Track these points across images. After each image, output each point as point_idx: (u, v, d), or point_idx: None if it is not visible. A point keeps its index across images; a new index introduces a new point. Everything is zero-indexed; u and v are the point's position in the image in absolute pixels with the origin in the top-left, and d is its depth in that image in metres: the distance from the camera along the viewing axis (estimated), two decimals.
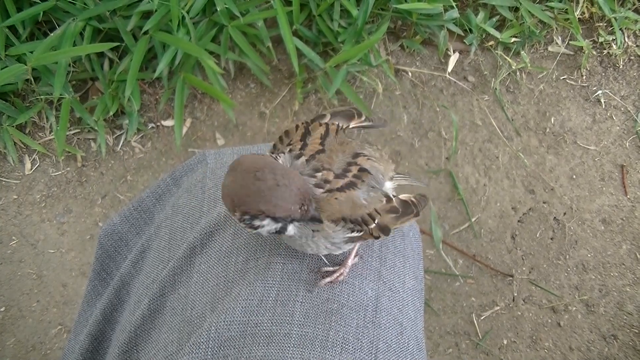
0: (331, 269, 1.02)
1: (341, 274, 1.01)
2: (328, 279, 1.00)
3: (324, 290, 0.99)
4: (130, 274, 1.20)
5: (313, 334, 0.93)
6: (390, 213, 0.94)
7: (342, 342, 0.93)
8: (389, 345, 0.99)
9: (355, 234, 0.90)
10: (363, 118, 1.08)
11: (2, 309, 2.39)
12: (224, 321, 0.94)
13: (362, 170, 0.90)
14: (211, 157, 1.21)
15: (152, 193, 1.26)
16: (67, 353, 1.27)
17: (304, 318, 0.95)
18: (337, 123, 1.01)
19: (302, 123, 0.98)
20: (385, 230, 0.94)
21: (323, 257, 1.02)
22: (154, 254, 1.16)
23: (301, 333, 0.93)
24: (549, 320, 2.39)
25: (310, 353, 0.91)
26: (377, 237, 0.93)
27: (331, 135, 0.95)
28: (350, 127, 1.05)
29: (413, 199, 1.01)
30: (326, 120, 1.01)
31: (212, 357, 0.92)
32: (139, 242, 1.22)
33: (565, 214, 2.51)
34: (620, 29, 2.66)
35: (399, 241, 1.13)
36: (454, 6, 2.40)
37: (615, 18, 2.65)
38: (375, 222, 0.91)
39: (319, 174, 0.86)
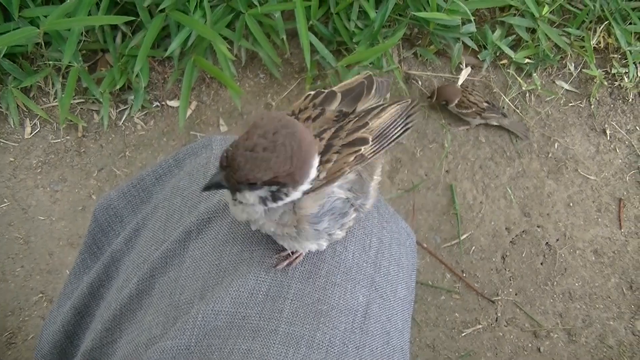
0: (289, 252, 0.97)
1: (300, 255, 0.98)
2: (286, 262, 0.97)
3: (315, 290, 0.97)
4: (122, 251, 1.18)
5: (300, 333, 0.92)
6: None
7: (328, 345, 0.92)
8: (374, 353, 0.98)
9: None
10: (373, 91, 0.90)
11: None
12: (212, 310, 0.93)
13: None
14: (217, 143, 1.19)
15: (152, 172, 1.24)
16: (48, 323, 1.26)
17: (292, 316, 0.94)
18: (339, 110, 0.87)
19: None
20: None
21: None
22: (148, 233, 1.14)
23: (288, 331, 0.92)
24: (530, 345, 2.39)
25: (295, 352, 0.90)
26: None
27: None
28: (357, 110, 0.88)
29: None
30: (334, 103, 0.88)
31: (195, 344, 0.91)
32: (134, 220, 1.21)
33: (558, 240, 2.51)
34: (634, 63, 2.66)
35: (395, 249, 1.12)
36: (472, 20, 2.39)
37: (630, 51, 2.65)
38: None
39: None
